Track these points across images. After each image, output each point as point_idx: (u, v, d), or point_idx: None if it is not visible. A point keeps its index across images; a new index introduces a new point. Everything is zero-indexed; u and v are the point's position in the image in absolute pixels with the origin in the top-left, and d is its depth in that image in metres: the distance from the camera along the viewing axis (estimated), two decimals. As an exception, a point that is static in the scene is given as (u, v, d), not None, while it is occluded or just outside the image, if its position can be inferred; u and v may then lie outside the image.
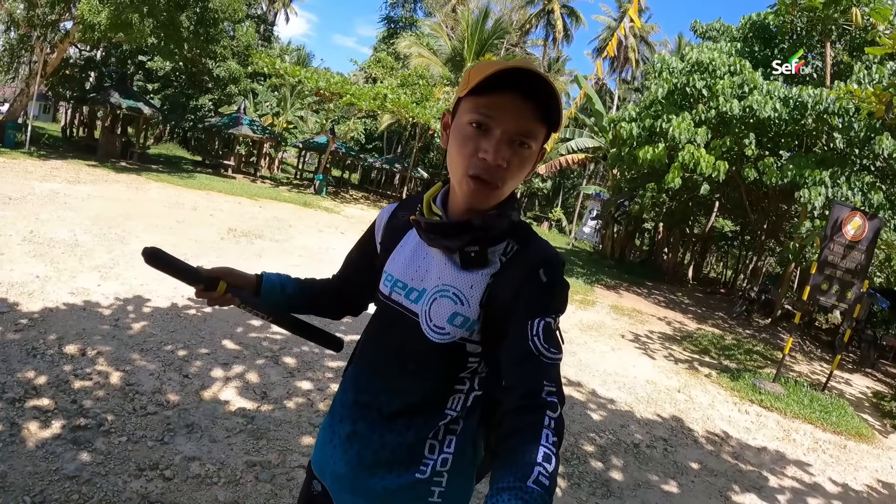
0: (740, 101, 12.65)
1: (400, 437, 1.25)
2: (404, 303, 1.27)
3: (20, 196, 10.51)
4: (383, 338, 1.33)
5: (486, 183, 1.15)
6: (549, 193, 50.21)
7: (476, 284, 1.21)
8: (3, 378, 3.80)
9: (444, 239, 1.22)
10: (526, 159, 1.17)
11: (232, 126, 27.16)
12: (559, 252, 1.22)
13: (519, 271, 1.18)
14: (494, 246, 1.22)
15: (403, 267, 1.31)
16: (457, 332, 1.21)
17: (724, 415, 6.70)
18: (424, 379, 1.26)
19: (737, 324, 14.94)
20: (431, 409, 1.25)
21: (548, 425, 1.05)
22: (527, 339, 1.12)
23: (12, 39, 19.07)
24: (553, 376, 1.12)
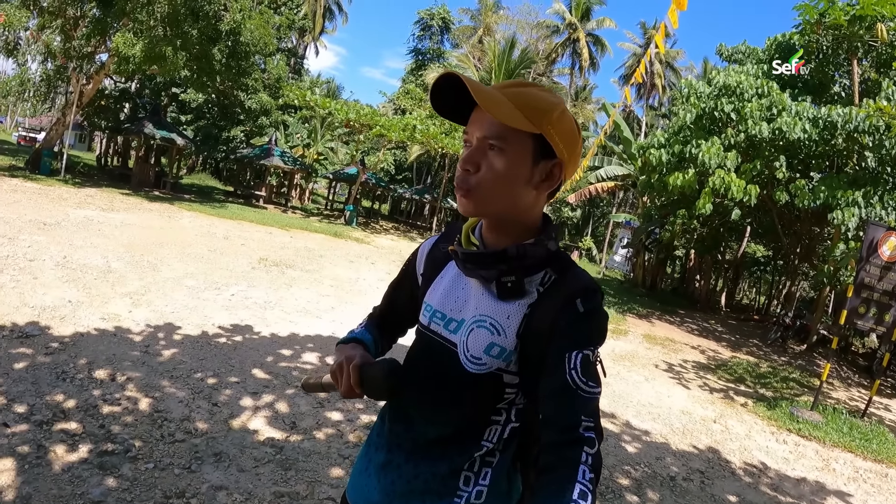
0: (769, 124, 12.49)
1: (434, 467, 1.23)
2: (443, 333, 1.27)
3: (55, 222, 10.73)
4: (421, 368, 1.32)
5: (461, 188, 1.16)
6: (579, 222, 50.08)
7: (513, 314, 1.19)
8: (32, 400, 3.82)
9: (481, 269, 1.21)
10: (501, 160, 1.14)
11: (263, 157, 27.67)
12: (597, 283, 1.19)
13: (556, 301, 1.16)
14: (531, 276, 1.20)
15: (442, 297, 1.30)
16: (493, 362, 1.19)
17: (761, 445, 6.49)
18: (460, 409, 1.24)
19: (772, 351, 14.54)
20: (467, 439, 1.23)
21: (585, 461, 1.04)
22: (564, 373, 1.10)
23: (49, 70, 19.66)
24: (591, 411, 1.10)
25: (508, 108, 1.10)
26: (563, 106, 1.18)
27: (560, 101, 1.18)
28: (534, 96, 1.15)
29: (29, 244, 8.46)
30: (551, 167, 1.18)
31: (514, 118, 1.10)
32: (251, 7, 19.64)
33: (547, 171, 1.18)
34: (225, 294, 8.10)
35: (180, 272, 8.85)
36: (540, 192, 1.20)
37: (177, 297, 7.34)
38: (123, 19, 17.46)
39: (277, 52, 26.08)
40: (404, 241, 23.87)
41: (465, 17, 48.95)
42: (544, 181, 1.19)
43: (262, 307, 7.89)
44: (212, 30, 18.16)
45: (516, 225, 1.21)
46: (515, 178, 1.15)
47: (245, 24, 18.59)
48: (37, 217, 10.90)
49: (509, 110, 1.10)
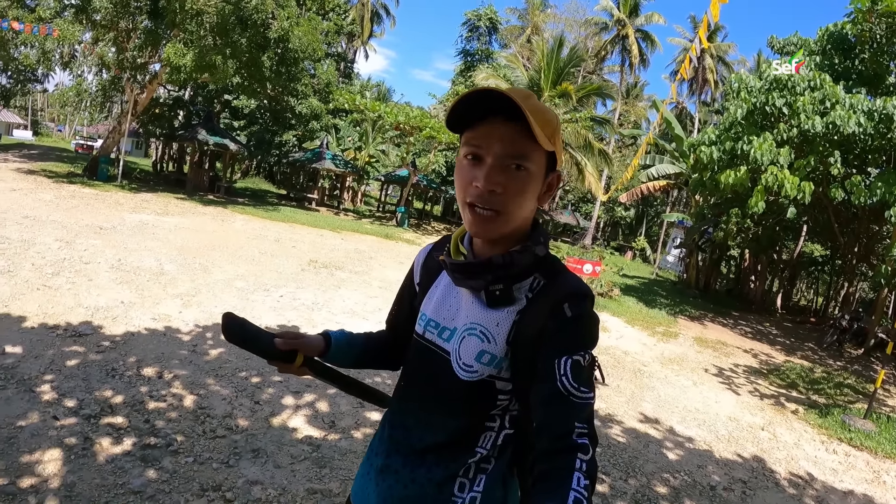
0: (822, 118, 12.01)
1: (429, 473, 1.24)
2: (437, 341, 1.28)
3: (111, 226, 11.17)
4: (417, 375, 1.34)
5: (482, 210, 1.14)
6: (633, 222, 49.32)
7: (502, 322, 1.20)
8: (81, 395, 4.02)
9: (469, 279, 1.22)
10: (524, 181, 1.14)
11: (315, 161, 28.22)
12: (586, 285, 1.19)
13: (544, 307, 1.16)
14: (520, 282, 1.21)
15: (436, 306, 1.32)
16: (485, 369, 1.20)
17: (809, 455, 6.26)
18: (454, 416, 1.25)
19: (827, 355, 14.04)
20: (461, 446, 1.24)
21: (579, 468, 1.04)
22: (555, 379, 1.11)
23: (104, 81, 20.43)
24: (584, 416, 1.10)
25: (539, 129, 1.10)
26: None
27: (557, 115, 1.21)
28: (547, 112, 1.16)
29: (85, 248, 8.83)
30: (553, 179, 1.21)
31: (544, 139, 1.11)
32: (298, 14, 19.99)
33: (550, 182, 1.21)
34: (274, 295, 8.26)
35: (231, 274, 9.08)
36: (542, 203, 1.22)
37: (226, 299, 7.55)
38: (174, 30, 18.06)
39: (326, 58, 26.47)
40: (456, 241, 23.85)
41: (513, 16, 48.91)
42: (546, 193, 1.21)
43: (310, 308, 8.02)
44: (260, 38, 18.56)
45: (514, 235, 1.21)
46: (533, 194, 1.18)
47: (293, 31, 18.94)
48: (93, 221, 11.35)
49: (540, 130, 1.10)
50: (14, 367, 4.30)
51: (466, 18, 44.17)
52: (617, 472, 4.59)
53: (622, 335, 11.10)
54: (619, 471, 4.64)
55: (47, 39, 16.42)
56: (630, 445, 5.30)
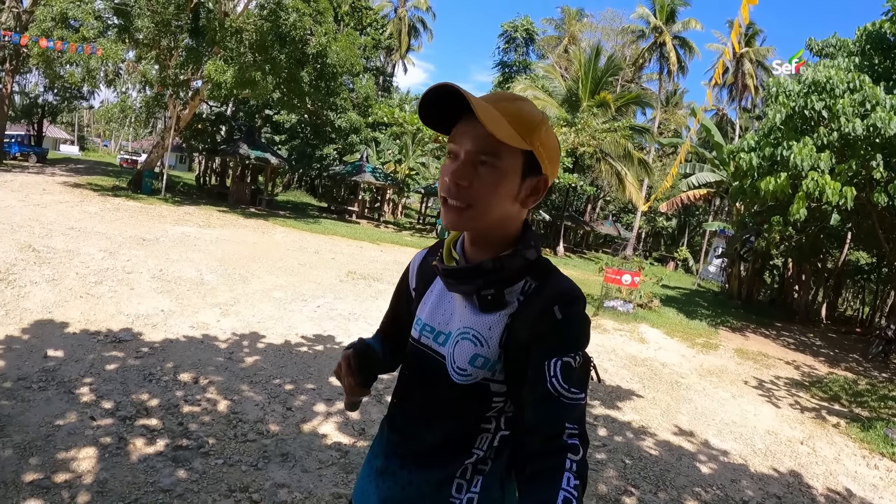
0: (863, 120, 11.67)
1: (427, 475, 1.27)
2: (433, 346, 1.30)
3: (153, 238, 11.49)
4: (413, 379, 1.35)
5: (452, 202, 1.17)
6: (674, 232, 48.58)
7: (494, 325, 1.21)
8: (118, 398, 4.17)
9: (460, 283, 1.24)
10: (491, 177, 1.16)
11: (355, 174, 28.58)
12: (577, 286, 1.21)
13: (535, 309, 1.18)
14: (511, 286, 1.22)
15: (431, 311, 1.34)
16: (478, 372, 1.22)
17: (849, 470, 6.05)
18: (451, 419, 1.27)
19: (872, 366, 13.57)
20: (458, 448, 1.26)
21: (569, 468, 1.06)
22: (545, 381, 1.12)
23: (148, 97, 21.07)
24: (575, 417, 1.12)
25: (505, 125, 1.12)
26: (547, 121, 1.20)
27: (545, 117, 1.21)
28: (525, 112, 1.17)
29: (128, 258, 9.11)
30: (536, 182, 1.21)
31: (509, 135, 1.12)
32: (336, 30, 20.34)
33: (533, 186, 1.21)
34: (311, 305, 8.39)
35: (269, 284, 9.25)
36: (525, 206, 1.22)
37: (264, 308, 7.70)
38: (214, 48, 18.57)
39: (365, 72, 26.82)
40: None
41: (549, 27, 48.73)
42: (530, 196, 1.21)
43: (347, 319, 8.11)
44: (299, 53, 18.98)
45: (498, 238, 1.23)
46: (505, 193, 1.18)
47: (331, 46, 19.28)
48: (137, 233, 11.69)
49: (504, 126, 1.12)
50: (55, 369, 4.49)
51: (503, 30, 44.40)
52: (647, 485, 4.50)
53: (660, 346, 10.93)
54: (650, 483, 4.55)
55: (91, 58, 16.98)
56: (662, 458, 5.20)
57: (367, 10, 28.92)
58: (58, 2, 16.90)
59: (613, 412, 6.29)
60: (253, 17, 19.01)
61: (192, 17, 18.38)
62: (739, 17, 5.72)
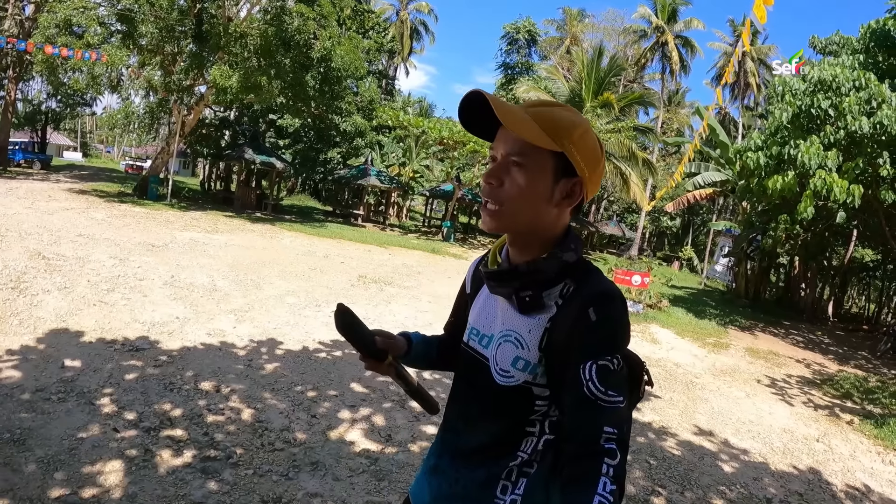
0: (869, 118, 11.69)
1: (473, 474, 1.29)
2: (478, 348, 1.34)
3: (162, 244, 11.48)
4: (463, 381, 1.40)
5: (487, 204, 1.22)
6: (679, 232, 48.56)
7: (534, 328, 1.23)
8: (141, 409, 4.13)
9: (499, 286, 1.28)
10: (523, 176, 1.19)
11: (360, 177, 28.57)
12: (615, 287, 1.21)
13: (572, 312, 1.19)
14: (549, 289, 1.23)
15: (478, 315, 1.38)
16: (520, 375, 1.24)
17: (866, 466, 6.13)
18: (496, 421, 1.29)
19: (881, 363, 13.66)
20: (503, 449, 1.27)
21: (606, 473, 1.07)
22: (581, 385, 1.13)
23: (152, 103, 21.04)
24: (614, 420, 1.12)
25: (530, 126, 1.16)
26: (586, 125, 1.22)
27: (584, 122, 1.23)
28: (557, 115, 1.20)
29: (139, 265, 9.10)
30: (572, 185, 1.22)
31: (535, 135, 1.15)
32: (340, 33, 20.34)
33: (568, 189, 1.22)
34: (325, 311, 8.36)
35: (282, 290, 9.24)
36: (562, 209, 1.24)
37: (279, 314, 7.69)
38: (219, 53, 18.57)
39: (368, 75, 26.84)
40: (502, 256, 23.83)
41: (551, 28, 48.76)
42: (565, 198, 1.23)
43: (361, 323, 8.10)
44: (303, 58, 18.96)
45: (538, 241, 1.25)
46: (535, 194, 1.20)
47: (335, 50, 19.30)
48: (145, 240, 11.68)
49: (531, 127, 1.15)
50: (74, 380, 4.44)
51: (505, 32, 44.39)
52: (673, 485, 4.55)
53: (673, 347, 10.95)
54: (676, 483, 4.60)
55: (96, 64, 17.00)
56: (685, 458, 5.25)
57: (369, 14, 28.91)
58: (62, 8, 16.91)
59: (634, 413, 6.24)
60: (257, 21, 19.02)
61: (196, 22, 18.37)
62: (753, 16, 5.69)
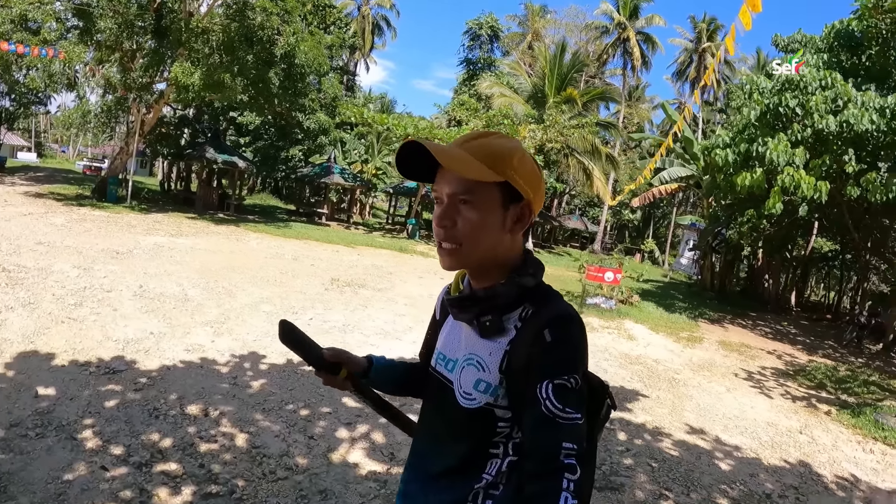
0: (836, 117, 12.00)
1: (440, 497, 1.30)
2: (444, 373, 1.36)
3: (127, 251, 11.08)
4: (430, 406, 1.42)
5: (444, 244, 1.24)
6: (639, 224, 49.26)
7: (494, 351, 1.25)
8: (127, 441, 3.84)
9: (461, 312, 1.31)
10: (474, 213, 1.21)
11: (324, 175, 28.28)
12: (571, 309, 1.23)
13: (529, 334, 1.20)
14: (509, 313, 1.25)
15: (444, 340, 1.41)
16: (482, 397, 1.25)
17: (849, 456, 6.37)
18: (461, 443, 1.30)
19: (848, 352, 14.11)
20: (469, 472, 1.28)
21: (566, 488, 1.08)
22: (539, 404, 1.14)
23: (109, 102, 20.36)
24: (573, 437, 1.13)
25: (471, 163, 1.17)
26: (520, 149, 1.24)
27: (518, 145, 1.25)
28: (493, 145, 1.21)
29: (104, 274, 8.74)
30: (521, 209, 1.25)
31: (478, 172, 1.17)
32: (303, 29, 19.99)
33: (517, 213, 1.25)
34: (303, 318, 8.18)
35: (256, 297, 9.00)
36: (514, 233, 1.27)
37: (256, 324, 7.46)
38: (180, 49, 18.03)
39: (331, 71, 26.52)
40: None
41: (513, 23, 48.79)
42: (517, 223, 1.26)
43: (342, 331, 7.95)
44: (267, 54, 18.59)
45: (497, 268, 1.27)
46: (489, 226, 1.22)
47: (299, 46, 18.96)
48: (108, 246, 11.26)
49: (472, 164, 1.17)
50: (50, 411, 4.12)
51: (468, 27, 44.32)
52: (678, 487, 4.63)
53: (649, 343, 11.05)
54: (680, 485, 4.68)
55: (53, 62, 16.38)
56: (684, 458, 5.34)
57: (331, 9, 28.44)
58: (17, 3, 16.18)
59: (626, 415, 6.37)
60: (219, 17, 18.54)
61: (156, 17, 17.80)
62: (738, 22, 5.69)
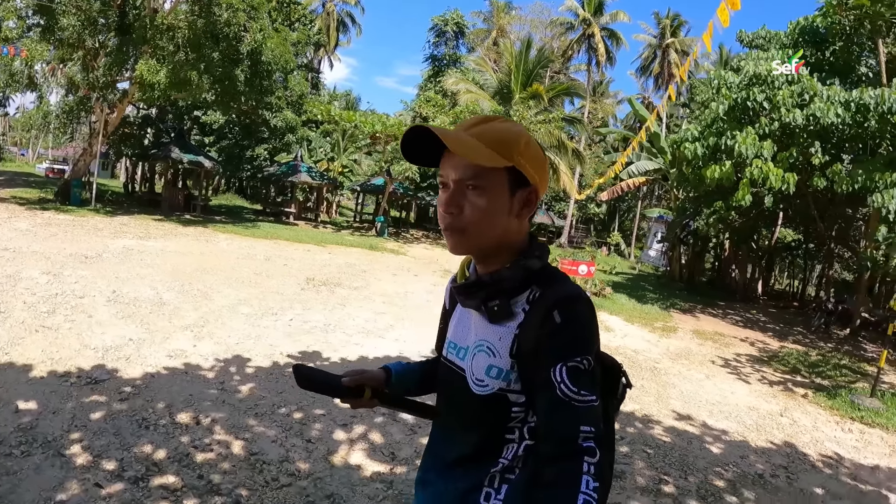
0: (802, 110, 12.33)
1: (457, 484, 1.30)
2: (456, 361, 1.36)
3: (96, 255, 10.79)
4: (444, 394, 1.43)
5: (450, 230, 1.24)
6: (605, 218, 49.72)
7: (504, 336, 1.24)
8: (119, 454, 3.65)
9: (468, 299, 1.30)
10: (483, 198, 1.21)
11: (291, 174, 27.95)
12: (579, 289, 1.22)
13: (538, 317, 1.20)
14: (516, 297, 1.25)
15: (454, 329, 1.41)
16: (494, 383, 1.25)
17: (829, 435, 6.61)
18: (475, 430, 1.30)
19: (817, 338, 14.55)
20: (484, 458, 1.28)
21: (587, 471, 1.08)
22: (554, 387, 1.14)
23: (70, 102, 19.82)
24: (590, 419, 1.12)
25: (479, 148, 1.17)
26: (527, 135, 1.24)
27: (523, 131, 1.25)
28: (500, 131, 1.21)
29: (75, 280, 8.48)
30: (528, 194, 1.25)
31: (487, 157, 1.17)
32: (269, 25, 19.71)
33: (524, 198, 1.25)
34: (283, 319, 8.07)
35: (233, 299, 8.84)
36: (521, 218, 1.26)
37: (236, 327, 7.32)
38: (144, 46, 17.61)
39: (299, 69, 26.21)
40: (438, 248, 23.85)
41: (478, 20, 48.78)
42: (524, 208, 1.25)
43: (324, 331, 7.85)
44: (233, 51, 18.29)
45: (503, 252, 1.27)
46: (498, 211, 1.22)
47: (266, 43, 18.68)
48: (76, 250, 10.95)
49: (480, 150, 1.17)
50: (33, 426, 3.89)
51: (433, 24, 44.17)
52: (676, 472, 4.76)
53: (626, 334, 11.21)
54: (677, 470, 4.81)
55: (15, 60, 15.85)
56: (676, 444, 5.48)
57: (296, 5, 28.11)
58: (-25, 0, 15.65)
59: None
60: (184, 13, 18.14)
61: (119, 13, 17.33)
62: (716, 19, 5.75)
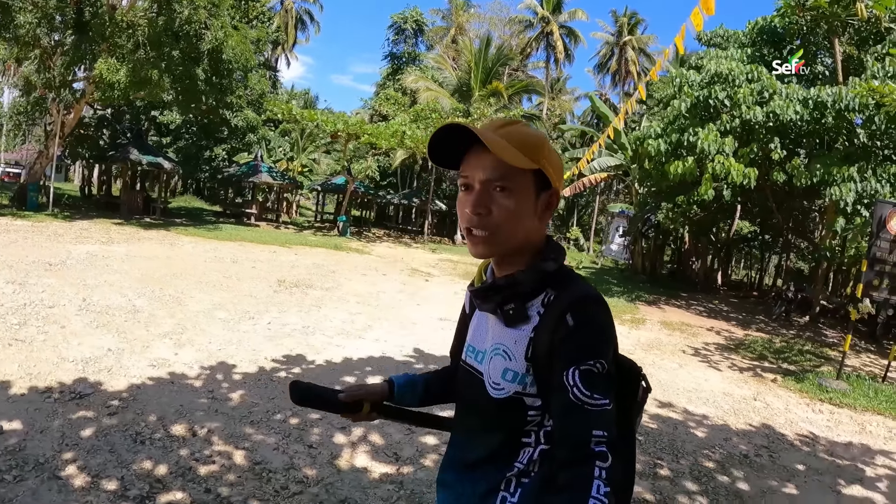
0: (762, 108, 12.72)
1: (474, 486, 1.31)
2: (474, 364, 1.37)
3: (60, 261, 10.52)
4: (462, 397, 1.43)
5: (477, 232, 1.23)
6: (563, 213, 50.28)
7: (519, 339, 1.25)
8: (118, 472, 3.49)
9: (484, 302, 1.31)
10: (511, 200, 1.21)
11: (251, 174, 27.59)
12: (593, 290, 1.22)
13: (552, 320, 1.20)
14: (531, 300, 1.26)
15: (473, 332, 1.42)
16: (510, 386, 1.26)
17: (802, 416, 6.89)
18: (493, 433, 1.31)
19: (779, 325, 15.03)
20: (501, 461, 1.29)
21: (598, 476, 1.08)
22: (567, 391, 1.14)
23: (22, 103, 19.21)
24: (603, 423, 1.12)
25: (513, 151, 1.18)
26: (547, 139, 1.27)
27: (545, 134, 1.28)
28: (526, 134, 1.23)
29: (42, 288, 8.24)
30: (550, 196, 1.27)
31: (518, 158, 1.17)
32: (229, 23, 19.39)
33: (547, 200, 1.27)
34: (261, 323, 8.01)
35: (207, 304, 8.72)
36: (543, 221, 1.28)
37: (216, 332, 7.23)
38: (103, 44, 17.14)
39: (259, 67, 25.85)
40: (401, 247, 23.85)
41: (437, 17, 48.58)
42: (546, 210, 1.27)
43: (304, 333, 7.81)
44: (193, 50, 17.95)
45: (523, 255, 1.28)
46: (525, 213, 1.23)
47: (227, 41, 18.39)
48: (39, 257, 10.66)
49: (515, 152, 1.17)
50: (22, 448, 3.65)
51: (392, 21, 43.91)
52: (668, 456, 4.94)
53: (596, 326, 11.38)
54: (668, 454, 4.99)
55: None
56: (663, 430, 5.67)
57: (254, 3, 27.65)
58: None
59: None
60: (144, 10, 17.71)
61: (77, 10, 16.79)
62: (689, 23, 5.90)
